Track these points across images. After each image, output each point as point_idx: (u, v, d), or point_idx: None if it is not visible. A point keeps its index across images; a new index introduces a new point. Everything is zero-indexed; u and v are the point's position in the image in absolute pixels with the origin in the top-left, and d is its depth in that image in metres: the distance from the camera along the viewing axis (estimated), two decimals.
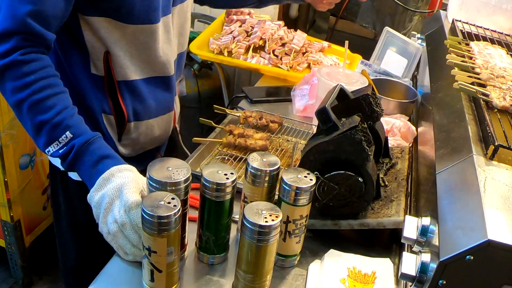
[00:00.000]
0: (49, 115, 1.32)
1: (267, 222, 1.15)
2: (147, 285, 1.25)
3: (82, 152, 1.35)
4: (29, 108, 1.31)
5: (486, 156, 1.20)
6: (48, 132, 1.33)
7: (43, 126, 1.32)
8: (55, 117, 1.33)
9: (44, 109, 1.32)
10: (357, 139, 1.37)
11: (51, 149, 1.34)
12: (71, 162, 1.35)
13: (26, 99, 1.31)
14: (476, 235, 0.96)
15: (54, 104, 1.34)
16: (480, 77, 1.54)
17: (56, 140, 1.33)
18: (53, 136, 1.33)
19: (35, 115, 1.32)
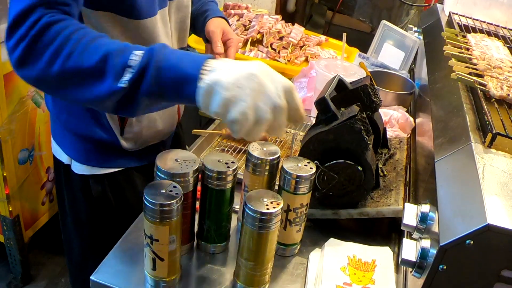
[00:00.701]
0: (104, 49, 1.11)
1: (268, 209, 1.16)
2: (149, 273, 1.26)
3: (169, 52, 1.12)
4: (79, 56, 1.11)
5: (484, 144, 1.21)
6: (113, 65, 1.10)
7: (104, 64, 1.11)
8: (112, 48, 1.12)
9: (94, 49, 1.12)
10: (356, 128, 1.38)
11: (126, 78, 1.09)
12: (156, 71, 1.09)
13: (72, 50, 1.11)
14: (475, 220, 0.97)
15: (104, 41, 1.15)
16: (477, 68, 1.55)
17: (126, 66, 1.10)
18: (120, 63, 1.10)
19: (89, 59, 1.11)
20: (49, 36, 1.11)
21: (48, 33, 1.11)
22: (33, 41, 1.11)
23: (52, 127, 1.74)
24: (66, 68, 1.11)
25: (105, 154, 1.66)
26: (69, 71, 1.12)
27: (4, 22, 2.36)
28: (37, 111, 2.72)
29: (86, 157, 1.65)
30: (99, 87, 1.12)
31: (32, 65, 1.13)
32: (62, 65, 1.11)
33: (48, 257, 3.21)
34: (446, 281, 1.03)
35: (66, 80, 1.14)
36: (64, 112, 1.59)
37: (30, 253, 3.06)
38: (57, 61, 1.11)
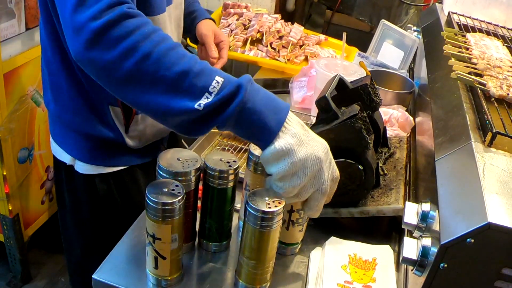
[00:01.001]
0: (185, 64, 1.09)
1: (270, 208, 1.16)
2: (151, 272, 1.27)
3: (255, 90, 1.11)
4: (156, 62, 1.07)
5: (484, 143, 1.22)
6: (193, 84, 1.07)
7: (183, 78, 1.07)
8: (193, 65, 1.09)
9: (175, 60, 1.08)
10: (357, 127, 1.38)
11: (204, 102, 1.07)
12: (239, 109, 1.08)
13: (150, 53, 1.07)
14: (476, 219, 0.98)
15: (183, 52, 1.11)
16: (477, 67, 1.55)
17: (206, 90, 1.07)
18: (201, 85, 1.07)
19: (167, 69, 1.07)
20: (127, 27, 1.07)
21: (126, 24, 1.07)
22: (109, 26, 1.06)
23: (52, 128, 1.73)
24: (141, 69, 1.07)
25: (111, 153, 1.66)
26: (144, 73, 1.07)
27: (4, 22, 2.37)
28: (37, 110, 2.72)
29: (91, 156, 1.65)
30: (170, 101, 1.08)
31: (103, 52, 1.07)
32: (137, 64, 1.07)
33: (48, 256, 3.22)
34: (447, 279, 1.04)
35: (136, 80, 1.09)
36: (68, 111, 1.59)
37: (30, 252, 3.07)
38: (133, 57, 1.06)
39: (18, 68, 2.51)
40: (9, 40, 2.45)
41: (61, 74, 1.53)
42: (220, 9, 3.01)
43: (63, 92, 1.54)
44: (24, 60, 2.55)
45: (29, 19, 2.53)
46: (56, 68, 1.54)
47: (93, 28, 1.04)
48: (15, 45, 2.50)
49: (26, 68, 2.56)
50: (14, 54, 2.49)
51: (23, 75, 2.55)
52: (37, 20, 2.58)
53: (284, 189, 1.14)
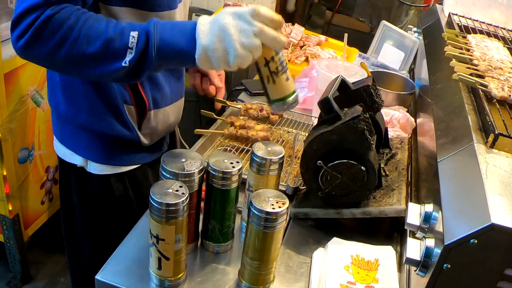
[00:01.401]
0: (104, 35, 1.24)
1: (274, 209, 1.17)
2: (154, 273, 1.27)
3: (160, 29, 1.26)
4: (82, 44, 1.24)
5: (486, 144, 1.23)
6: (115, 48, 1.25)
7: (106, 49, 1.25)
8: (111, 32, 1.25)
9: (96, 36, 1.24)
10: (359, 129, 1.39)
11: (128, 58, 1.25)
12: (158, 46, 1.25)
13: (76, 39, 1.23)
14: (479, 220, 0.98)
15: (101, 25, 1.26)
16: (478, 69, 1.56)
17: (127, 47, 1.25)
18: (121, 46, 1.25)
19: (92, 45, 1.24)
20: (53, 25, 1.22)
21: (51, 23, 1.22)
22: (38, 31, 1.22)
23: (59, 130, 1.71)
24: (73, 55, 1.25)
25: (125, 152, 1.67)
26: (75, 56, 1.25)
27: (4, 22, 2.37)
28: (37, 110, 2.71)
29: (106, 156, 1.65)
30: (105, 68, 1.27)
31: (37, 50, 1.24)
32: (68, 52, 1.24)
33: (48, 256, 3.21)
34: (450, 279, 1.05)
35: (73, 64, 1.28)
36: (83, 111, 1.58)
37: (30, 252, 3.06)
38: (63, 48, 1.24)
39: (19, 68, 2.51)
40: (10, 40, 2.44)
41: None
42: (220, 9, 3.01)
43: (77, 92, 1.54)
44: (25, 60, 2.54)
45: None
46: None
47: (25, 38, 1.23)
48: None
49: (26, 68, 2.56)
50: (14, 54, 2.46)
51: (23, 75, 2.55)
52: None
53: (244, 62, 1.22)
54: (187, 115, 1.91)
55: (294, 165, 1.77)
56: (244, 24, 1.20)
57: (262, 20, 1.21)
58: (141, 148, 1.69)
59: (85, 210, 1.78)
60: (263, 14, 1.21)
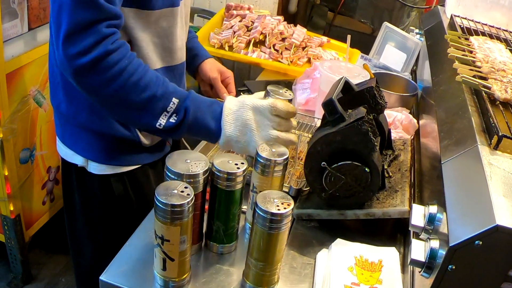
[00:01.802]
0: (151, 91, 1.37)
1: (279, 210, 1.17)
2: (159, 273, 1.27)
3: (196, 108, 1.42)
4: (129, 90, 1.35)
5: (490, 146, 1.23)
6: (156, 107, 1.39)
7: (148, 104, 1.38)
8: (158, 90, 1.38)
9: (143, 87, 1.36)
10: (363, 130, 1.39)
11: (162, 121, 1.40)
12: (191, 123, 1.42)
13: (125, 83, 1.34)
14: (484, 221, 0.99)
15: (150, 79, 1.38)
16: (481, 71, 1.56)
17: (165, 110, 1.39)
18: (161, 107, 1.39)
19: (137, 95, 1.36)
20: (109, 63, 1.31)
21: (108, 60, 1.30)
22: (94, 62, 1.29)
23: (61, 130, 1.71)
24: (118, 96, 1.35)
25: (126, 152, 1.67)
26: (120, 99, 1.36)
27: (7, 22, 2.37)
28: (39, 110, 2.72)
29: (106, 156, 1.66)
30: (140, 119, 1.40)
31: (88, 80, 1.33)
32: (115, 92, 1.34)
33: (49, 257, 3.22)
34: (454, 281, 1.05)
35: (116, 103, 1.39)
36: (84, 111, 1.58)
37: (31, 252, 3.07)
38: (111, 86, 1.33)
39: (21, 68, 2.52)
40: (12, 40, 2.45)
41: None
42: (222, 10, 3.02)
43: (78, 91, 1.54)
44: (27, 60, 2.55)
45: (32, 19, 2.53)
46: None
47: (81, 62, 1.28)
48: (17, 45, 2.50)
49: (28, 69, 2.56)
50: (16, 54, 2.49)
51: (25, 75, 2.55)
52: (40, 20, 2.58)
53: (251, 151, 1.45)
54: None
55: (297, 167, 1.77)
56: (264, 119, 1.44)
57: (279, 113, 1.44)
58: (142, 148, 1.69)
59: (86, 210, 1.79)
60: (280, 109, 1.43)
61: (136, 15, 1.48)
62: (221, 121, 1.43)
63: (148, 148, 1.71)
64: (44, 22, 2.61)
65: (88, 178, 1.70)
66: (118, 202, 1.74)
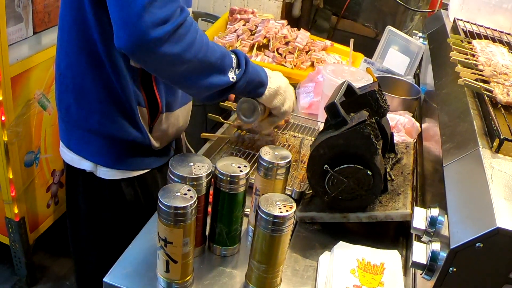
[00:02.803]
0: (220, 50, 1.49)
1: (281, 212, 1.18)
2: (162, 276, 1.28)
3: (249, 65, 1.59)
4: (206, 51, 1.42)
5: (491, 149, 1.23)
6: (228, 64, 1.51)
7: (220, 61, 1.48)
8: (223, 50, 1.52)
9: (214, 48, 1.47)
10: (366, 133, 1.40)
11: (232, 75, 1.53)
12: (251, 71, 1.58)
13: (201, 46, 1.40)
14: (485, 224, 0.99)
15: (212, 42, 1.50)
16: (483, 74, 1.57)
17: (231, 66, 1.52)
18: (228, 63, 1.51)
19: (212, 55, 1.45)
20: (187, 27, 1.35)
21: (186, 25, 1.34)
22: (176, 29, 1.31)
23: (68, 136, 1.69)
24: (198, 59, 1.40)
25: (136, 156, 1.67)
26: (199, 61, 1.41)
27: (11, 25, 2.38)
28: (43, 113, 2.73)
29: (117, 161, 1.65)
30: (216, 79, 1.49)
31: (171, 47, 1.32)
32: (194, 56, 1.38)
33: (53, 260, 3.22)
34: (455, 283, 1.05)
35: (194, 70, 1.43)
36: (95, 114, 1.58)
37: (35, 255, 3.07)
38: (193, 49, 1.37)
39: (25, 72, 2.52)
40: (17, 44, 2.46)
41: (87, 76, 1.53)
42: (226, 14, 3.02)
43: (89, 94, 1.54)
44: (32, 64, 2.56)
45: (36, 23, 2.54)
46: (82, 71, 1.54)
47: (166, 29, 1.28)
48: (22, 49, 2.51)
49: (33, 72, 2.57)
50: (21, 58, 2.50)
51: (30, 79, 2.56)
52: (45, 24, 2.59)
53: (288, 112, 1.77)
54: (193, 119, 1.92)
55: (300, 170, 1.78)
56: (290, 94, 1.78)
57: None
58: (151, 152, 1.69)
59: (92, 216, 1.78)
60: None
61: None
62: (267, 73, 1.67)
63: (157, 151, 1.71)
64: (48, 26, 2.61)
65: (97, 184, 1.69)
66: (129, 207, 1.73)
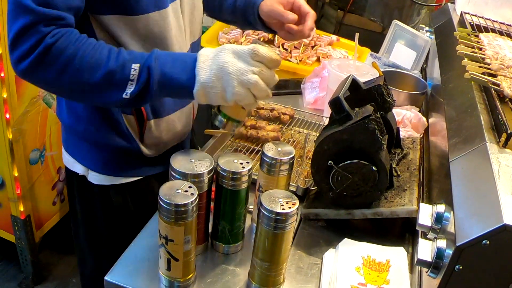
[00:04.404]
0: (105, 67, 1.28)
1: (284, 209, 1.16)
2: (164, 274, 1.27)
3: (161, 64, 1.30)
4: (83, 73, 1.27)
5: (499, 144, 1.22)
6: (117, 80, 1.29)
7: (108, 80, 1.29)
8: (113, 63, 1.29)
9: (97, 66, 1.28)
10: (370, 128, 1.38)
11: (129, 91, 1.29)
12: (159, 81, 1.29)
13: (77, 68, 1.27)
14: (492, 220, 0.97)
15: (102, 55, 1.29)
16: (490, 68, 1.55)
17: (128, 80, 1.29)
18: (123, 79, 1.29)
19: (93, 75, 1.28)
20: (53, 54, 1.25)
21: (52, 53, 1.25)
22: (39, 59, 1.25)
23: (65, 139, 1.70)
24: (75, 83, 1.29)
25: (126, 163, 1.63)
26: (78, 85, 1.30)
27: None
28: (48, 111, 2.72)
29: (105, 167, 1.63)
30: (106, 98, 1.32)
31: (40, 76, 1.29)
32: (70, 81, 1.28)
33: (59, 257, 3.22)
34: (462, 281, 1.04)
35: (77, 92, 1.33)
36: (82, 121, 1.56)
37: (41, 253, 3.07)
38: (65, 76, 1.27)
39: None
40: None
41: None
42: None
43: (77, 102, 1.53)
44: None
45: None
46: None
47: (26, 63, 1.26)
48: None
49: None
50: None
51: None
52: None
53: (241, 99, 1.29)
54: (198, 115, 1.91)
55: (304, 166, 1.76)
56: (243, 63, 1.27)
57: (261, 59, 1.27)
58: (144, 159, 1.64)
59: (87, 219, 1.77)
60: (262, 54, 1.27)
61: (121, 22, 1.43)
62: (195, 69, 1.29)
63: (152, 159, 1.66)
64: None
65: (88, 188, 1.67)
66: (117, 212, 1.70)
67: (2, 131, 2.49)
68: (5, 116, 2.45)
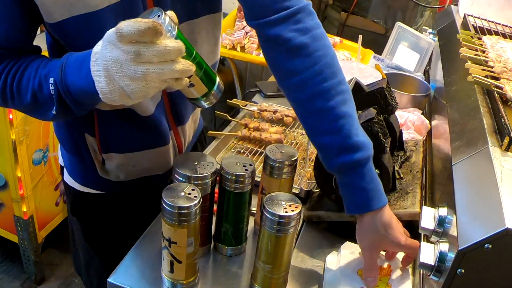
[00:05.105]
0: (31, 87, 1.18)
1: (287, 212, 1.16)
2: (167, 276, 1.27)
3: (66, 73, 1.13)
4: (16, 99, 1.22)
5: (501, 147, 1.21)
6: (42, 100, 1.18)
7: (35, 101, 1.19)
8: (35, 83, 1.18)
9: (25, 89, 1.19)
10: (374, 131, 1.38)
11: (54, 107, 1.17)
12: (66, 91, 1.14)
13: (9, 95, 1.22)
14: (494, 224, 0.97)
15: (29, 76, 1.19)
16: (493, 71, 1.54)
17: (51, 96, 1.15)
18: (46, 97, 1.17)
19: (23, 99, 1.20)
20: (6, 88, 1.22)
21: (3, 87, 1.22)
22: None
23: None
24: (19, 108, 1.27)
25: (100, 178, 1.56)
26: (21, 109, 1.27)
27: None
28: None
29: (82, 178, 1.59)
30: (43, 116, 1.25)
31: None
32: (14, 107, 1.27)
33: (62, 258, 3.23)
34: (464, 285, 1.04)
35: (25, 112, 1.30)
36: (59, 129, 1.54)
37: (44, 253, 3.08)
38: (8, 104, 1.26)
39: None
40: None
41: None
42: (235, 11, 3.02)
43: None
44: None
45: None
46: None
47: None
48: None
49: None
50: None
51: None
52: None
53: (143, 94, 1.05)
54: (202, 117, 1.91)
55: (307, 168, 1.76)
56: (119, 53, 1.01)
57: (131, 39, 0.99)
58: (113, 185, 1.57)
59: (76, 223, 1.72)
60: (127, 33, 0.97)
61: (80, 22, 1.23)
62: (91, 74, 1.07)
63: (129, 182, 1.58)
64: None
65: (73, 191, 1.64)
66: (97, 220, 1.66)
67: (6, 131, 2.50)
68: (8, 116, 2.45)
